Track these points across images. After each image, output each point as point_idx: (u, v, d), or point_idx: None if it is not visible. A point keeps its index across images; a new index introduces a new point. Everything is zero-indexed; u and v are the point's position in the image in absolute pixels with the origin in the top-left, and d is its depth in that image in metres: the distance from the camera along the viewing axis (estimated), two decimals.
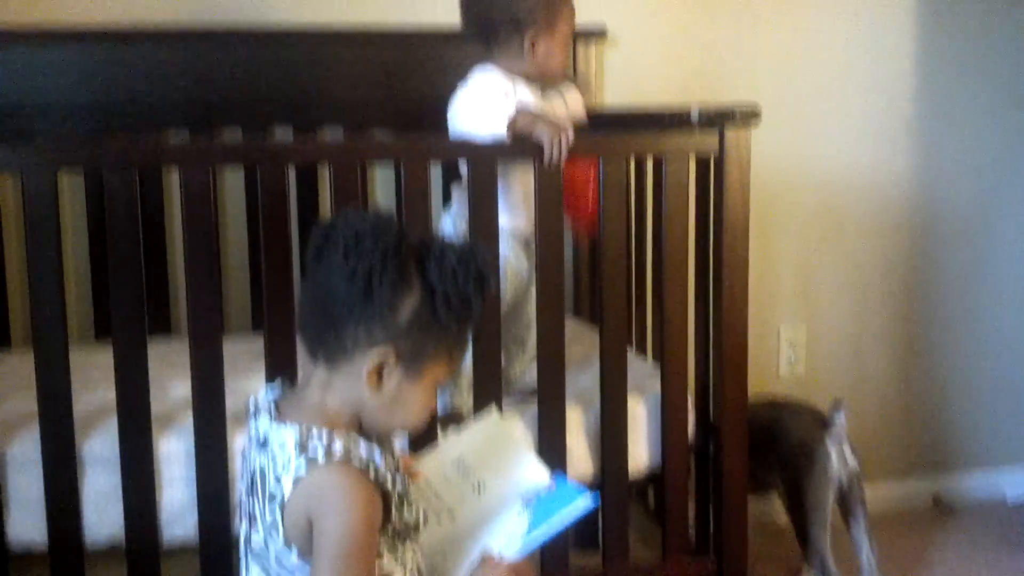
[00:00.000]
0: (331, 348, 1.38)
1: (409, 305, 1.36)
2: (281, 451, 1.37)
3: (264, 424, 1.41)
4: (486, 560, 1.48)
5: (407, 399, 1.41)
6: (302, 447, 1.35)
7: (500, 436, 1.69)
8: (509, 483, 1.63)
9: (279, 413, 1.42)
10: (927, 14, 2.93)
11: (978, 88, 2.99)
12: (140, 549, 1.84)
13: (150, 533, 1.84)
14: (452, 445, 1.68)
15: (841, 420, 2.32)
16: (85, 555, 1.83)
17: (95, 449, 1.84)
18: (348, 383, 1.39)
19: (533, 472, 1.64)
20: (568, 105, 2.23)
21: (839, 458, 2.32)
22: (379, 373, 1.38)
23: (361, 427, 1.43)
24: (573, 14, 2.16)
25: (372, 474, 1.36)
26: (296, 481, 1.34)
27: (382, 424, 1.43)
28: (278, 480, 1.36)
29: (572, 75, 2.40)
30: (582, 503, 1.53)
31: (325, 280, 1.37)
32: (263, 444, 1.41)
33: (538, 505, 1.56)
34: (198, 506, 1.85)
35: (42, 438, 1.79)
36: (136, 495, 1.83)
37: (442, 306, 1.37)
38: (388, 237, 1.34)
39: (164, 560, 1.86)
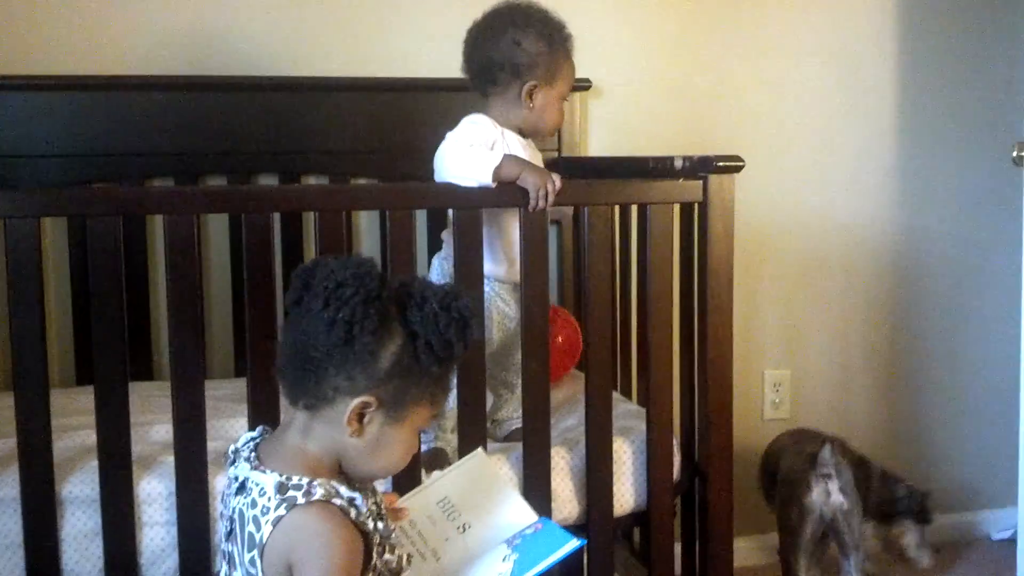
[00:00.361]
0: (312, 395, 1.38)
1: (391, 351, 1.36)
2: (261, 496, 1.36)
3: (244, 470, 1.40)
4: None
5: (389, 443, 1.40)
6: (281, 491, 1.34)
7: (486, 477, 1.69)
8: (495, 524, 1.62)
9: (259, 460, 1.41)
10: (908, 63, 2.98)
11: (960, 136, 3.03)
12: None
13: (131, 574, 1.82)
14: (438, 485, 1.67)
15: (826, 458, 2.37)
16: None
17: (75, 491, 1.83)
18: (329, 428, 1.39)
19: (519, 513, 1.63)
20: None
21: (821, 493, 2.38)
22: (360, 419, 1.37)
23: (342, 471, 1.43)
24: (573, 74, 2.17)
25: (353, 514, 1.35)
26: (276, 522, 1.33)
27: (363, 469, 1.42)
28: (257, 524, 1.35)
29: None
30: (570, 546, 1.52)
31: (305, 327, 1.36)
32: (242, 488, 1.40)
33: (524, 548, 1.55)
34: (179, 547, 1.83)
35: (22, 479, 1.77)
36: (117, 536, 1.81)
37: (424, 351, 1.36)
38: (368, 284, 1.34)
39: None
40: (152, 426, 2.08)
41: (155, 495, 1.85)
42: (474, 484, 1.67)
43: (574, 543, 1.52)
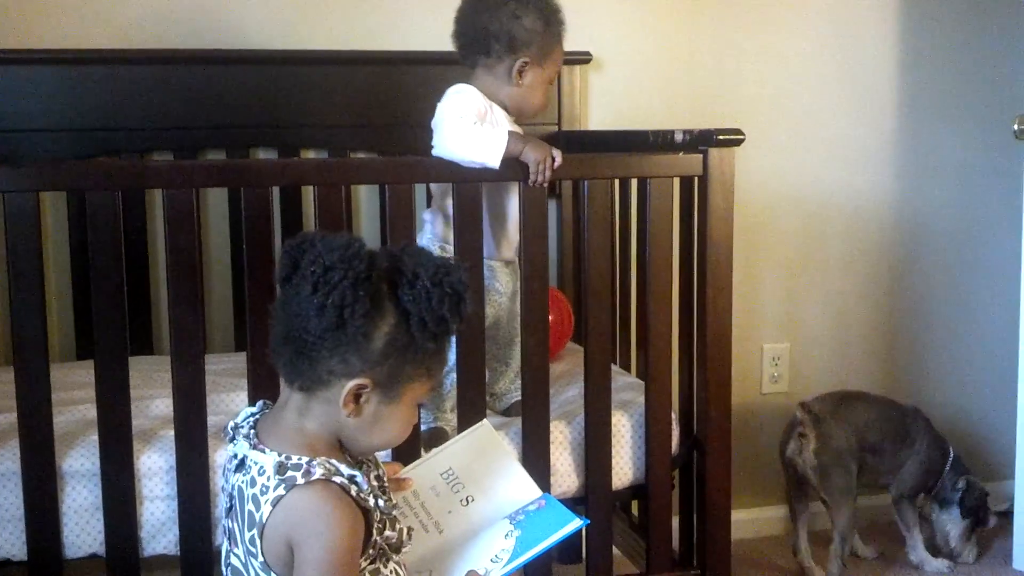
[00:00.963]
0: (307, 377, 1.37)
1: (384, 332, 1.35)
2: (260, 475, 1.36)
3: (243, 448, 1.40)
4: (470, 575, 1.47)
5: (386, 420, 1.40)
6: (281, 471, 1.34)
7: (490, 449, 1.69)
8: (498, 499, 1.62)
9: (258, 439, 1.41)
10: (909, 38, 2.97)
11: (960, 110, 3.02)
12: (121, 563, 1.83)
13: (131, 548, 1.84)
14: (442, 456, 1.67)
15: (797, 418, 2.57)
16: (64, 569, 1.82)
17: (76, 465, 1.84)
18: (326, 409, 1.38)
19: (522, 488, 1.63)
20: None
21: (795, 450, 2.59)
22: (356, 400, 1.37)
23: (341, 448, 1.43)
24: (561, 60, 2.17)
25: (354, 491, 1.35)
26: (275, 502, 1.33)
27: (363, 444, 1.42)
28: (256, 503, 1.35)
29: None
30: (572, 526, 1.53)
31: (295, 311, 1.34)
32: (241, 465, 1.40)
33: (527, 525, 1.55)
34: (179, 521, 1.84)
35: (22, 454, 1.78)
36: (117, 510, 1.82)
37: (418, 329, 1.35)
38: (357, 267, 1.32)
39: (144, 573, 1.85)
40: (152, 400, 2.09)
41: (155, 469, 1.86)
42: (478, 456, 1.67)
43: (577, 523, 1.53)
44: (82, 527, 1.83)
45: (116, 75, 2.46)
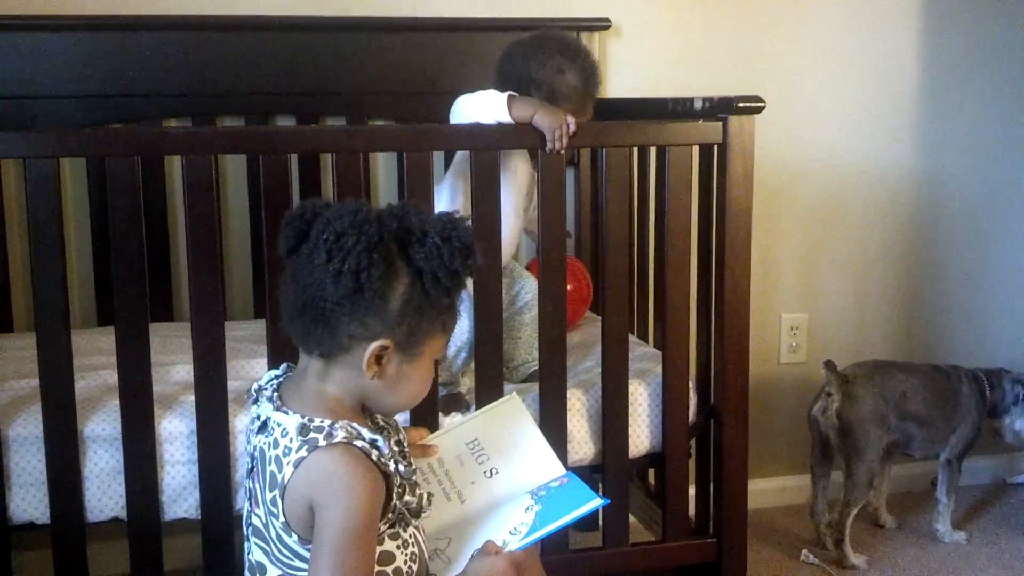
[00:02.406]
0: (326, 344, 1.38)
1: (400, 292, 1.37)
2: (283, 437, 1.37)
3: (266, 410, 1.42)
4: (487, 546, 1.48)
5: (408, 378, 1.42)
6: (303, 433, 1.35)
7: (518, 424, 1.69)
8: (522, 474, 1.63)
9: (281, 401, 1.42)
10: (931, 6, 2.93)
11: (981, 78, 2.99)
12: (142, 527, 1.85)
13: (152, 512, 1.86)
14: (469, 425, 1.68)
15: (824, 375, 2.57)
16: (87, 532, 1.85)
17: (98, 429, 1.85)
18: (347, 373, 1.40)
19: (546, 464, 1.64)
20: None
21: (820, 408, 2.59)
22: (379, 362, 1.38)
23: (363, 411, 1.44)
24: (591, 115, 2.22)
25: (375, 455, 1.36)
26: (297, 463, 1.34)
27: (387, 404, 1.44)
28: (279, 464, 1.36)
29: None
30: (592, 504, 1.53)
31: (309, 280, 1.35)
32: (264, 427, 1.42)
33: (547, 500, 1.56)
34: (200, 486, 1.86)
35: (45, 418, 1.80)
36: (138, 474, 1.84)
37: (432, 286, 1.37)
38: (368, 231, 1.33)
39: (166, 537, 1.88)
40: (173, 366, 2.11)
41: (176, 434, 1.88)
42: (505, 429, 1.67)
43: (597, 501, 1.53)
44: (104, 491, 1.85)
45: (135, 41, 2.45)
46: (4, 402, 1.87)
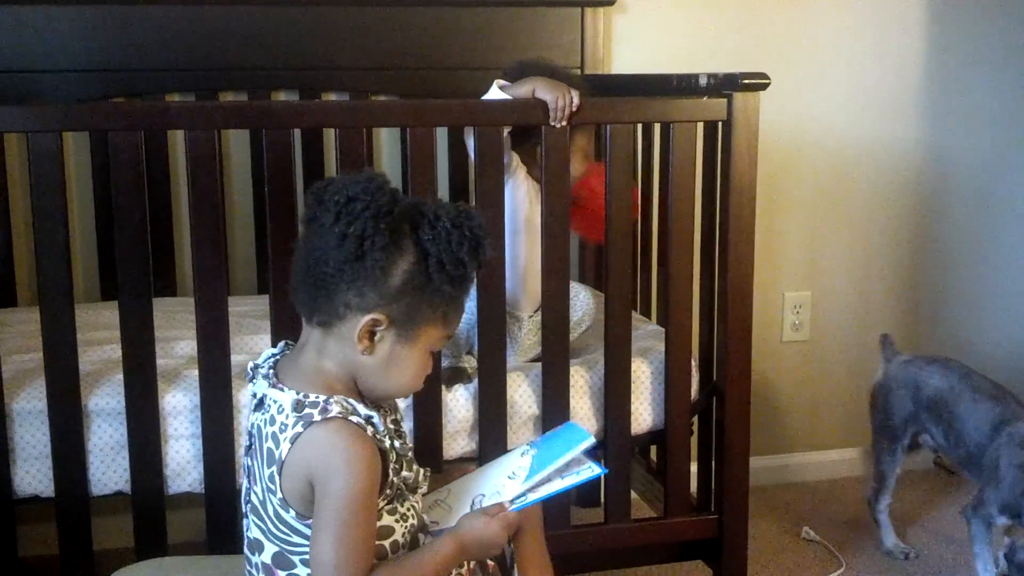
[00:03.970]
0: (324, 312, 1.38)
1: (402, 269, 1.37)
2: (279, 413, 1.37)
3: (262, 387, 1.42)
4: (487, 508, 1.47)
5: (400, 362, 1.41)
6: (298, 409, 1.36)
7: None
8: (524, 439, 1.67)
9: (277, 378, 1.42)
10: None
11: (988, 54, 2.97)
12: (146, 501, 1.86)
13: (156, 486, 1.86)
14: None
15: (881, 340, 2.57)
16: (91, 505, 1.86)
17: (101, 403, 1.86)
18: (341, 345, 1.40)
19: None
20: None
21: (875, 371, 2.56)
22: (371, 337, 1.38)
23: (359, 390, 1.44)
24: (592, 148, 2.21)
25: (370, 431, 1.37)
26: (294, 439, 1.34)
27: (377, 387, 1.43)
28: (276, 440, 1.36)
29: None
30: (587, 443, 1.52)
31: (317, 243, 1.36)
32: (260, 404, 1.42)
33: (543, 445, 1.57)
34: (204, 460, 1.87)
35: (48, 392, 1.80)
36: (142, 448, 1.85)
37: (436, 270, 1.37)
38: (379, 199, 1.34)
39: (169, 511, 1.89)
40: (176, 341, 2.11)
41: (180, 408, 1.88)
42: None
43: (591, 440, 1.52)
44: (108, 465, 1.86)
45: (139, 15, 2.45)
46: (8, 376, 1.88)
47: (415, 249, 1.37)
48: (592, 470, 1.52)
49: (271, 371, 1.44)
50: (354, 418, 1.36)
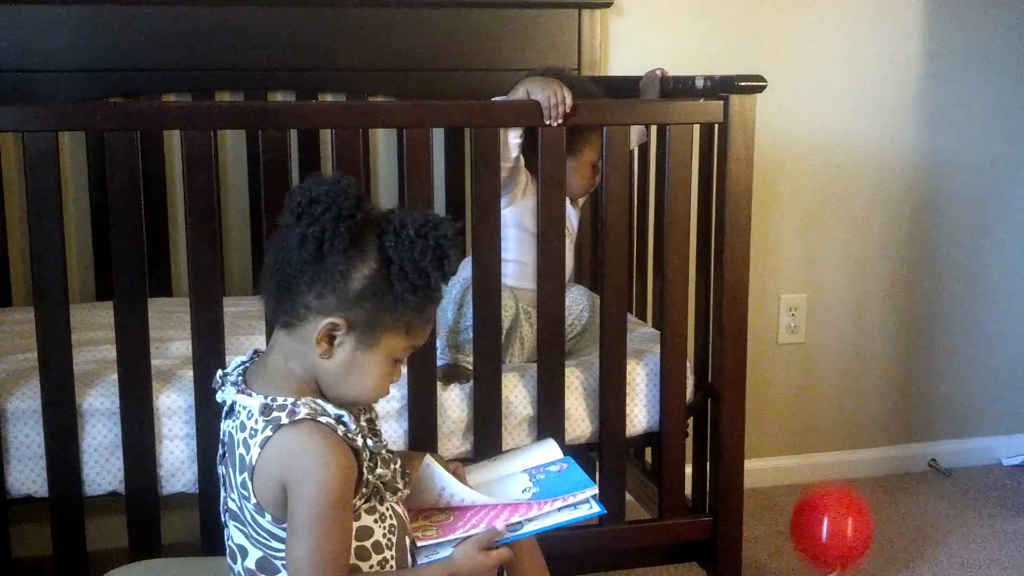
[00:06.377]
0: (287, 312, 1.39)
1: (363, 274, 1.36)
2: (248, 419, 1.37)
3: (230, 394, 1.42)
4: (480, 540, 1.45)
5: (361, 369, 1.40)
6: (266, 413, 1.36)
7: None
8: (523, 455, 1.67)
9: (245, 384, 1.42)
10: None
11: (985, 57, 2.98)
12: (140, 501, 1.86)
13: (150, 486, 1.86)
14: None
15: None
16: (85, 506, 1.85)
17: (96, 403, 1.86)
18: (302, 348, 1.40)
19: (548, 451, 1.67)
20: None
21: None
22: (330, 340, 1.38)
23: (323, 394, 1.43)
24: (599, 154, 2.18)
25: (341, 431, 1.36)
26: (263, 443, 1.34)
27: (338, 392, 1.42)
28: (246, 446, 1.36)
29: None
30: (589, 493, 1.53)
31: (282, 243, 1.37)
32: (231, 411, 1.42)
33: (545, 482, 1.57)
34: (198, 460, 1.87)
35: (43, 392, 1.80)
36: (136, 449, 1.84)
37: (398, 278, 1.36)
38: (342, 203, 1.33)
39: (164, 511, 1.88)
40: (172, 342, 2.11)
41: (174, 409, 1.88)
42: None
43: (593, 490, 1.53)
44: (102, 465, 1.86)
45: (136, 15, 2.44)
46: (3, 376, 1.88)
47: (378, 255, 1.36)
48: (592, 508, 1.52)
49: (240, 378, 1.44)
50: (323, 419, 1.36)
